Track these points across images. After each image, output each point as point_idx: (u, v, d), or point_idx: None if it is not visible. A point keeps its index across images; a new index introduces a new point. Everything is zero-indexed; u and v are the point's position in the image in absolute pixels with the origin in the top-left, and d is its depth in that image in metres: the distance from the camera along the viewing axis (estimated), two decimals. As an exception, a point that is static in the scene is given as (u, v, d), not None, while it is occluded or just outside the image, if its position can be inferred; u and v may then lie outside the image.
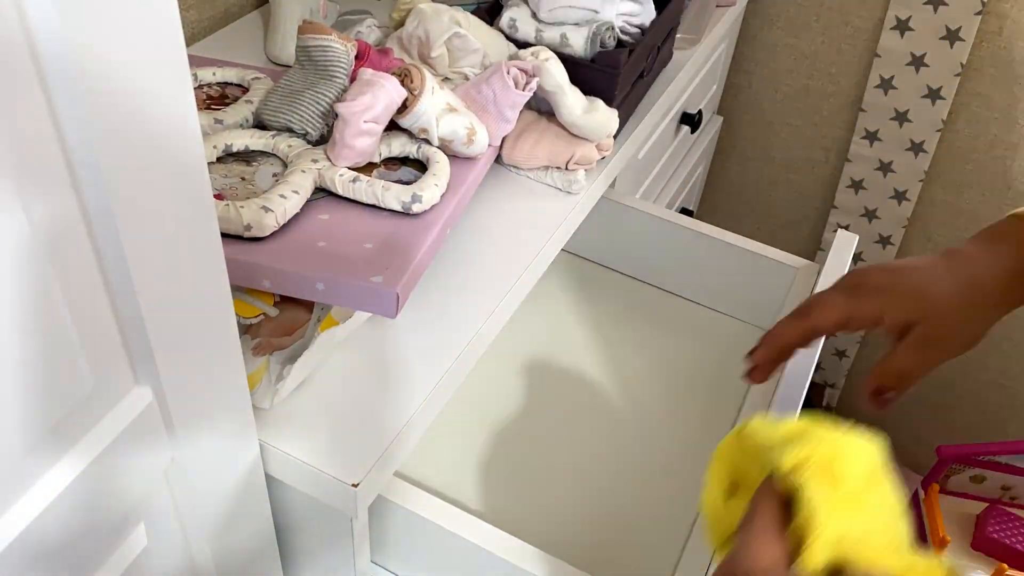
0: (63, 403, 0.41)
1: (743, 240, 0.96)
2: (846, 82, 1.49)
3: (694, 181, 1.58)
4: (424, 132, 0.72)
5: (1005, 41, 1.34)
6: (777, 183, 1.67)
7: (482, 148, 0.75)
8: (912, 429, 1.79)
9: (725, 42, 1.42)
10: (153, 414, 0.46)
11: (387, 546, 0.71)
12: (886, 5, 1.38)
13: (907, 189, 1.51)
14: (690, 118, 1.29)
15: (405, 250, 0.64)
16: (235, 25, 1.04)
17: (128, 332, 0.43)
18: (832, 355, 1.77)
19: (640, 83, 0.92)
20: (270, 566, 0.69)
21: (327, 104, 0.71)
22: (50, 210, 0.35)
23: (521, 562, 0.64)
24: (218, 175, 0.70)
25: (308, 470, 0.59)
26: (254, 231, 0.62)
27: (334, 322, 0.64)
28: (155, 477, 0.50)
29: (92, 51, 0.33)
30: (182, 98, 0.39)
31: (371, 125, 0.68)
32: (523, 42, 0.85)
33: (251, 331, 0.63)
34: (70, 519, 0.43)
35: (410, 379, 0.65)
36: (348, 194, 0.68)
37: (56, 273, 0.37)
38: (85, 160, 0.35)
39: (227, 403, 0.53)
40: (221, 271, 0.46)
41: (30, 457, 0.40)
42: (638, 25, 0.88)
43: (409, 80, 0.70)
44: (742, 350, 0.99)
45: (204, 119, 0.74)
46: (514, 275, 0.73)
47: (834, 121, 1.54)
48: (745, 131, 1.63)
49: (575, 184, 0.81)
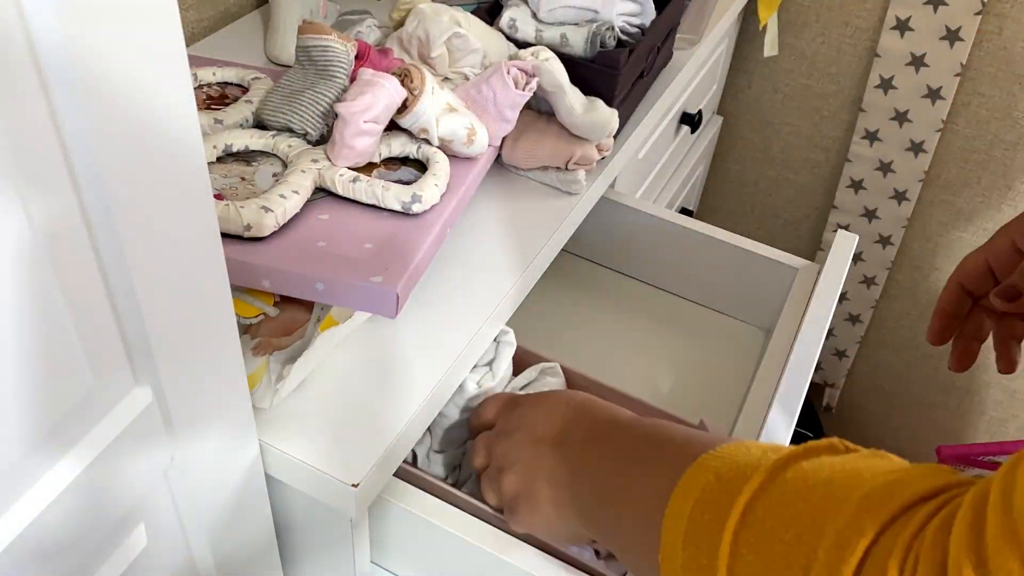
0: (63, 403, 0.41)
1: (743, 240, 0.96)
2: (846, 82, 1.49)
3: (694, 181, 1.58)
4: (424, 132, 0.72)
5: (1005, 41, 1.34)
6: (777, 183, 1.67)
7: (482, 148, 0.75)
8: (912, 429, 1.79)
9: (725, 42, 1.42)
10: (153, 414, 0.46)
11: (387, 546, 0.71)
12: (886, 5, 1.38)
13: (907, 189, 1.51)
14: (690, 118, 1.29)
15: (405, 250, 0.64)
16: (235, 25, 1.04)
17: (128, 332, 0.43)
18: (832, 355, 1.77)
19: (640, 83, 0.92)
20: (270, 566, 0.68)
21: (327, 104, 0.71)
22: (50, 210, 0.35)
23: (521, 562, 0.64)
24: (218, 175, 0.70)
25: (308, 470, 0.59)
26: (254, 231, 0.62)
27: (334, 322, 0.64)
28: (155, 477, 0.50)
29: (92, 51, 0.33)
30: (182, 98, 0.39)
31: (371, 125, 0.68)
32: (523, 42, 0.85)
33: (251, 331, 0.63)
34: (70, 519, 0.43)
35: (410, 379, 0.65)
36: (348, 194, 0.68)
37: (56, 273, 0.37)
38: (85, 160, 0.35)
39: (227, 403, 0.53)
40: (221, 271, 0.46)
41: (30, 457, 0.40)
42: (638, 25, 0.88)
43: (409, 80, 0.70)
44: (742, 350, 0.99)
45: (204, 119, 0.74)
46: (514, 275, 0.74)
47: (834, 121, 1.54)
48: (745, 131, 1.63)
49: (575, 184, 0.81)
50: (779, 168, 1.65)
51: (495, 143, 0.78)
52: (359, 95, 0.67)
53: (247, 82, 0.81)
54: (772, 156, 1.64)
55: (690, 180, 1.52)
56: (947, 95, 1.39)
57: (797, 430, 1.49)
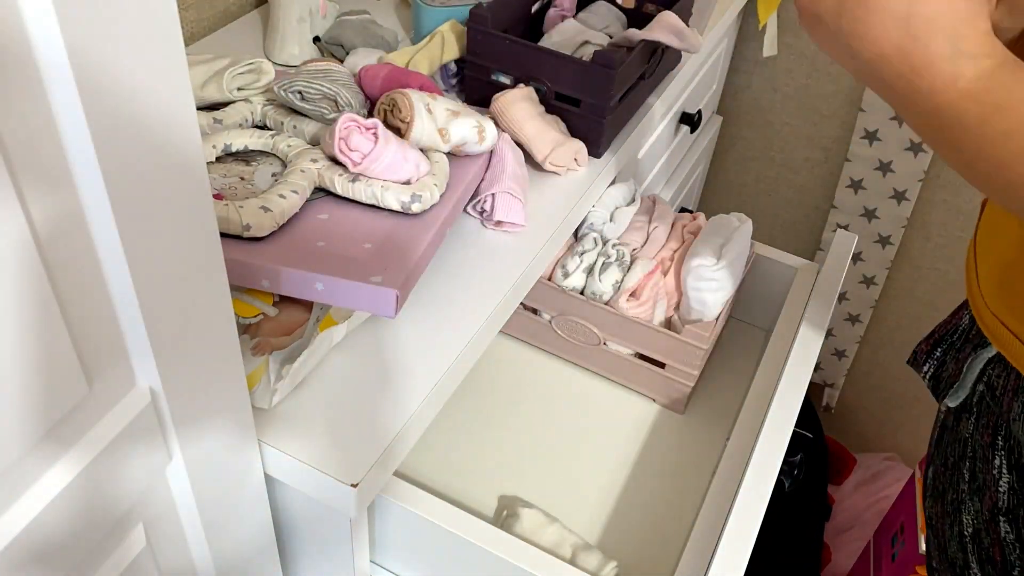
0: (62, 403, 0.41)
1: (743, 240, 0.96)
2: (846, 82, 1.49)
3: (694, 181, 1.58)
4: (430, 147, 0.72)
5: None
6: (777, 183, 1.67)
7: (492, 141, 0.76)
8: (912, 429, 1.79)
9: (725, 42, 1.42)
10: (152, 414, 0.46)
11: (387, 546, 0.71)
12: (886, 5, 1.38)
13: (906, 189, 1.51)
14: (690, 118, 1.29)
15: (404, 250, 0.63)
16: (234, 25, 1.04)
17: (127, 332, 0.42)
18: (832, 355, 1.77)
19: (642, 84, 0.92)
20: (269, 566, 0.68)
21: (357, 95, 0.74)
22: (49, 210, 0.35)
23: (521, 562, 0.64)
24: (217, 175, 0.70)
25: (307, 470, 0.59)
26: (253, 231, 0.62)
27: (333, 322, 0.64)
28: (154, 477, 0.50)
29: (91, 51, 0.33)
30: (181, 98, 0.39)
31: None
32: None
33: (250, 331, 0.63)
34: (69, 519, 0.43)
35: (410, 379, 0.65)
36: (347, 194, 0.68)
37: (54, 272, 0.37)
38: (84, 160, 0.35)
39: (226, 403, 0.53)
40: (220, 271, 0.46)
41: (29, 457, 0.40)
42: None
43: (397, 111, 0.71)
44: (742, 350, 0.99)
45: (203, 119, 0.74)
46: (514, 275, 0.73)
47: (834, 121, 1.54)
48: (745, 131, 1.63)
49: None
50: (779, 168, 1.65)
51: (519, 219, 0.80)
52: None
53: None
54: (771, 156, 1.64)
55: (690, 180, 1.52)
56: (947, 95, 1.39)
57: (796, 430, 1.49)
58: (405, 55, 0.90)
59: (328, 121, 0.73)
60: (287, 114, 0.75)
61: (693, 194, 1.63)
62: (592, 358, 0.91)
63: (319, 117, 0.73)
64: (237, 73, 0.76)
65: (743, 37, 1.52)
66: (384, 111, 0.73)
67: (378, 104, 0.73)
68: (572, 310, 0.87)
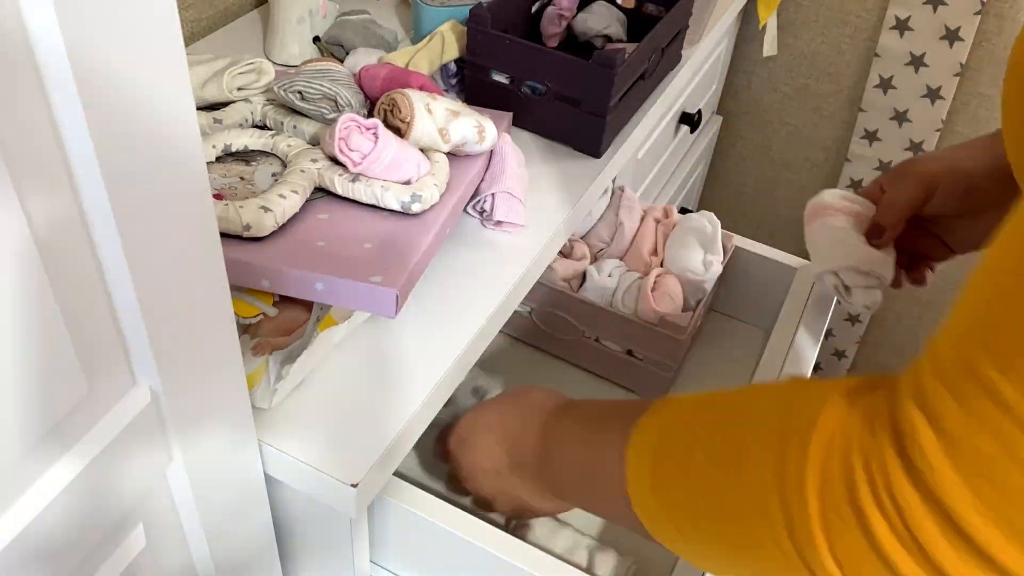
0: (62, 403, 0.41)
1: (743, 240, 0.96)
2: (845, 82, 1.49)
3: (694, 181, 1.58)
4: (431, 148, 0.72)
5: (1005, 41, 1.34)
6: (777, 183, 1.67)
7: (493, 140, 0.76)
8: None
9: (725, 42, 1.42)
10: (152, 414, 0.46)
11: (387, 546, 0.71)
12: (885, 5, 1.38)
13: (907, 189, 1.51)
14: (689, 118, 1.29)
15: (404, 250, 0.63)
16: (234, 25, 1.04)
17: (127, 332, 0.42)
18: (831, 355, 1.77)
19: (642, 84, 0.91)
20: (269, 566, 0.68)
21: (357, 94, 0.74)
22: (49, 210, 0.35)
23: (520, 562, 0.64)
24: (217, 175, 0.70)
25: (307, 470, 0.59)
26: (253, 231, 0.62)
27: (333, 322, 0.64)
28: (154, 477, 0.50)
29: (90, 51, 0.33)
30: (181, 98, 0.39)
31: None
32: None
33: (250, 331, 0.63)
34: (69, 519, 0.43)
35: (410, 379, 0.65)
36: (347, 194, 0.68)
37: (55, 273, 0.37)
38: (84, 160, 0.35)
39: (226, 403, 0.53)
40: (220, 271, 0.46)
41: (29, 457, 0.40)
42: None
43: (397, 111, 0.71)
44: (742, 350, 0.99)
45: (203, 119, 0.74)
46: (514, 274, 0.73)
47: (834, 121, 1.54)
48: (745, 131, 1.63)
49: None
50: (779, 168, 1.65)
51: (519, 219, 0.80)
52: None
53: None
54: (772, 156, 1.64)
55: (690, 180, 1.52)
56: (947, 95, 1.39)
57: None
58: (405, 55, 0.90)
59: (328, 121, 0.73)
60: (287, 114, 0.75)
61: (693, 194, 1.63)
62: (579, 353, 0.91)
63: (319, 117, 0.73)
64: (237, 73, 0.76)
65: (743, 37, 1.52)
66: (384, 111, 0.72)
67: (378, 104, 0.73)
68: (553, 303, 0.88)
